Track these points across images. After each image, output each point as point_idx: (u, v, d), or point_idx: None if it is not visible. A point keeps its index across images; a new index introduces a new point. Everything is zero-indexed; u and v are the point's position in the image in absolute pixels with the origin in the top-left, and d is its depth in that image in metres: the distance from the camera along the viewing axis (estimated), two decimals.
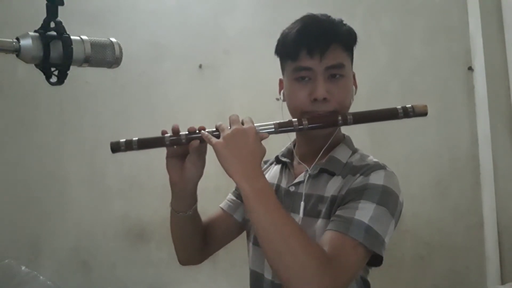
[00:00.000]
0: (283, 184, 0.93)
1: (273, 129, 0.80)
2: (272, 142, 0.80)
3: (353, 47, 0.87)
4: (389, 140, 2.10)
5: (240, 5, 2.22)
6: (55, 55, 0.67)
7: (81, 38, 0.70)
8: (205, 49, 2.18)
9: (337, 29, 0.83)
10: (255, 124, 0.77)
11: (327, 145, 0.87)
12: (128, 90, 2.15)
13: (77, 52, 0.69)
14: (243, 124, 0.76)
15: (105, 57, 0.73)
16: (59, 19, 0.68)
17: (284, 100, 0.90)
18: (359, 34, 0.87)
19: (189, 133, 0.80)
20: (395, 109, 0.80)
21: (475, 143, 2.13)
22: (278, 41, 0.89)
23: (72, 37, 0.69)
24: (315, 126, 0.81)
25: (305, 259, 0.64)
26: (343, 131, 0.93)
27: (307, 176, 0.86)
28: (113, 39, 0.75)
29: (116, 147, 0.80)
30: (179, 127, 0.81)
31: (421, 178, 2.11)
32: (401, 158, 2.10)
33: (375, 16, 2.20)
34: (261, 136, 0.76)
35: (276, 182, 0.95)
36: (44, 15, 0.68)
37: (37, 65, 0.69)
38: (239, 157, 0.71)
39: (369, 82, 2.10)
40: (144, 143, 0.80)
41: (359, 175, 0.79)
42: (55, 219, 2.07)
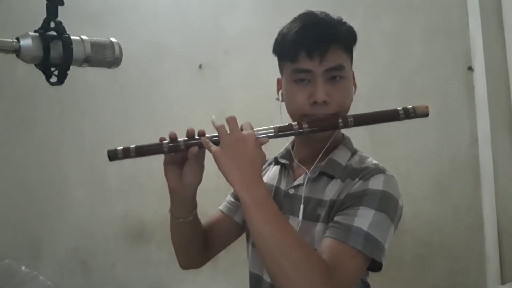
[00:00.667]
0: (282, 186, 0.92)
1: (273, 133, 0.78)
2: (271, 142, 0.79)
3: (353, 47, 0.86)
4: (389, 140, 2.10)
5: (240, 5, 2.21)
6: (55, 55, 0.67)
7: (81, 38, 0.70)
8: (205, 49, 2.18)
9: (337, 30, 0.81)
10: (254, 128, 0.76)
11: (326, 147, 0.86)
12: (128, 90, 2.15)
13: (77, 52, 0.69)
14: (242, 129, 0.75)
15: (105, 57, 0.73)
16: (59, 19, 0.68)
17: (282, 100, 0.89)
18: (359, 34, 0.86)
19: (188, 139, 0.78)
20: (396, 111, 0.79)
21: (475, 143, 2.13)
22: (276, 40, 0.87)
23: (72, 37, 0.69)
24: (315, 129, 0.80)
25: (304, 269, 0.63)
26: (343, 131, 0.92)
27: (307, 179, 0.85)
28: (113, 39, 0.75)
29: (113, 155, 0.78)
30: (176, 134, 0.79)
31: (421, 178, 2.11)
32: (401, 158, 2.10)
33: (375, 16, 2.20)
34: (260, 141, 0.75)
35: (275, 184, 0.94)
36: (44, 15, 0.68)
37: (37, 65, 0.69)
38: (238, 165, 0.70)
39: (369, 82, 2.10)
40: (142, 151, 0.78)
41: (358, 179, 0.78)
42: (55, 219, 2.07)
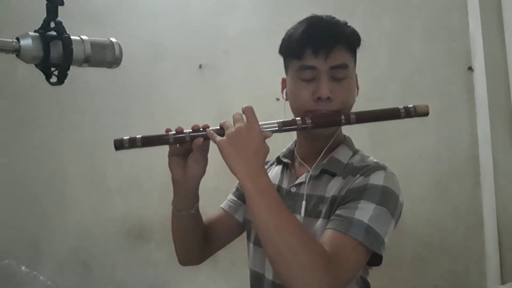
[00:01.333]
0: (284, 185, 0.93)
1: (277, 127, 0.79)
2: (273, 142, 0.80)
3: (356, 49, 0.88)
4: (389, 140, 2.10)
5: (240, 5, 2.21)
6: (55, 55, 0.68)
7: (81, 38, 0.70)
8: (205, 49, 2.18)
9: (342, 30, 0.84)
10: (259, 122, 0.77)
11: (328, 145, 0.87)
12: (128, 90, 2.15)
13: (77, 52, 0.69)
14: (247, 122, 0.76)
15: (105, 57, 0.73)
16: (59, 19, 0.68)
17: (286, 99, 0.90)
18: (359, 34, 0.87)
19: (193, 131, 0.79)
20: (397, 109, 0.81)
21: (475, 143, 2.13)
22: (282, 40, 0.89)
23: (72, 37, 0.69)
24: (318, 125, 0.81)
25: (307, 258, 0.63)
26: (344, 131, 0.93)
27: (308, 176, 0.86)
28: (113, 39, 0.75)
29: (119, 145, 0.79)
30: (182, 128, 0.81)
31: (421, 178, 2.11)
32: (401, 158, 2.10)
33: (375, 16, 2.20)
34: (264, 135, 0.76)
35: (277, 183, 0.95)
36: (44, 15, 0.68)
37: (37, 65, 0.69)
38: (243, 155, 0.71)
39: (369, 82, 2.10)
40: (148, 141, 0.79)
41: (359, 175, 0.80)
42: (55, 219, 2.07)
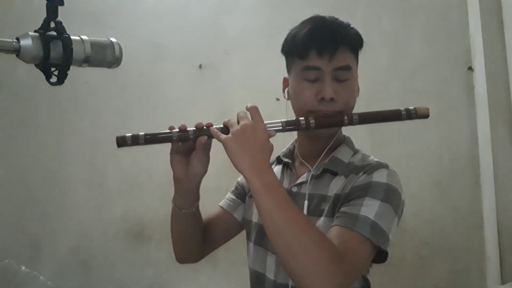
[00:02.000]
0: (285, 184, 0.93)
1: (281, 127, 0.80)
2: (273, 142, 0.80)
3: (359, 51, 0.88)
4: (389, 140, 2.10)
5: (240, 5, 2.21)
6: (55, 55, 0.67)
7: (81, 38, 0.70)
8: (205, 49, 2.18)
9: (346, 32, 0.84)
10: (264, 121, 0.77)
11: (329, 145, 0.88)
12: (128, 90, 2.15)
13: (77, 52, 0.69)
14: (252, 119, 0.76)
15: (105, 57, 0.73)
16: (59, 19, 0.68)
17: (288, 98, 0.91)
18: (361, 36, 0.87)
19: (196, 129, 0.79)
20: (399, 111, 0.83)
21: (475, 143, 2.13)
22: (285, 40, 0.89)
23: (72, 37, 0.69)
24: (321, 125, 0.81)
25: (317, 254, 0.63)
26: (344, 131, 0.94)
27: (310, 176, 0.87)
28: (113, 39, 0.75)
29: (122, 142, 0.79)
30: (186, 126, 0.81)
31: (421, 178, 2.11)
32: (401, 158, 2.10)
33: (375, 16, 2.20)
34: (268, 133, 0.76)
35: None
36: (44, 15, 0.68)
37: (37, 65, 0.69)
38: (248, 152, 0.71)
39: (369, 82, 2.09)
40: (151, 138, 0.79)
41: (362, 173, 0.80)
42: (55, 219, 2.07)
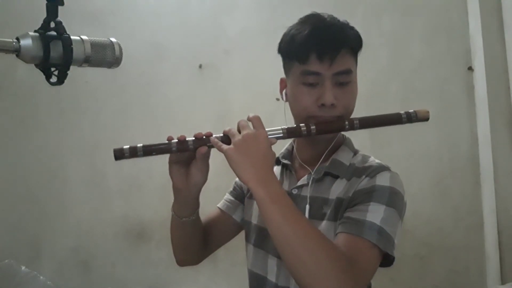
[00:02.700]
0: (285, 186, 0.92)
1: (282, 134, 0.79)
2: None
3: (358, 52, 0.86)
4: (389, 140, 2.10)
5: (240, 5, 2.21)
6: (55, 55, 0.67)
7: (81, 38, 0.70)
8: (205, 49, 2.18)
9: (346, 34, 0.82)
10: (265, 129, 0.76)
11: (329, 148, 0.87)
12: (128, 90, 2.15)
13: (77, 52, 0.69)
14: (254, 128, 0.75)
15: (105, 57, 0.73)
16: (59, 19, 0.68)
17: (286, 100, 0.89)
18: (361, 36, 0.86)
19: (196, 139, 0.77)
20: (399, 115, 0.82)
21: (475, 143, 2.13)
22: (283, 40, 0.86)
23: (72, 37, 0.69)
24: (323, 131, 0.80)
25: (328, 264, 0.62)
26: (344, 132, 0.93)
27: (311, 179, 0.85)
28: (113, 39, 0.75)
29: (119, 154, 0.76)
30: (185, 136, 0.78)
31: (421, 178, 2.11)
32: (401, 158, 2.10)
33: (375, 16, 2.20)
34: (270, 141, 0.75)
35: None
36: (44, 15, 0.68)
37: (37, 65, 0.69)
38: (251, 163, 0.70)
39: (369, 82, 2.10)
40: (149, 150, 0.76)
41: (364, 176, 0.79)
42: (55, 219, 2.07)
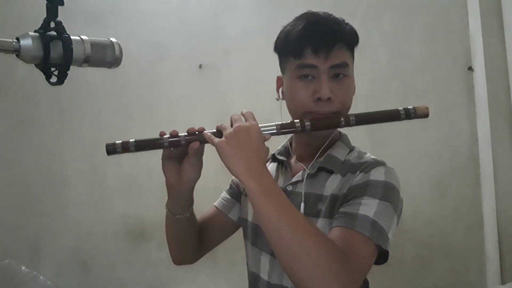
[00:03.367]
0: (280, 183, 0.92)
1: (275, 130, 0.78)
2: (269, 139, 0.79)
3: (354, 47, 0.86)
4: (389, 140, 2.10)
5: (240, 5, 2.21)
6: (55, 55, 0.67)
7: (81, 38, 0.70)
8: (205, 49, 2.18)
9: (342, 28, 0.82)
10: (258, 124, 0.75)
11: (326, 143, 0.87)
12: (128, 90, 2.15)
13: (77, 52, 0.69)
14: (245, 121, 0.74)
15: (105, 57, 0.73)
16: (59, 19, 0.68)
17: (283, 98, 0.89)
18: (359, 34, 0.86)
19: (188, 134, 0.77)
20: (397, 111, 0.80)
21: (475, 143, 2.13)
22: (278, 38, 0.87)
23: (72, 37, 0.69)
24: (317, 127, 0.79)
25: (322, 257, 0.61)
26: (343, 130, 0.92)
27: (306, 175, 0.85)
28: (113, 39, 0.75)
29: (112, 149, 0.75)
30: (177, 131, 0.78)
31: (421, 178, 2.11)
32: (401, 158, 2.10)
33: (375, 16, 2.20)
34: (263, 137, 0.74)
35: None
36: (44, 15, 0.68)
37: (37, 65, 0.69)
38: (243, 155, 0.69)
39: (369, 82, 2.10)
40: (141, 145, 0.76)
41: (359, 172, 0.79)
42: (55, 219, 2.07)
